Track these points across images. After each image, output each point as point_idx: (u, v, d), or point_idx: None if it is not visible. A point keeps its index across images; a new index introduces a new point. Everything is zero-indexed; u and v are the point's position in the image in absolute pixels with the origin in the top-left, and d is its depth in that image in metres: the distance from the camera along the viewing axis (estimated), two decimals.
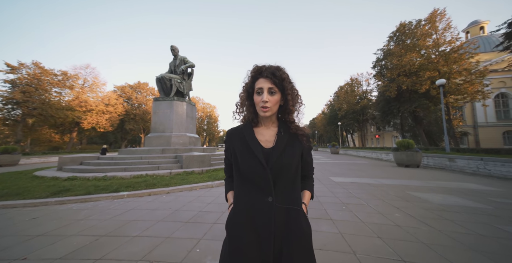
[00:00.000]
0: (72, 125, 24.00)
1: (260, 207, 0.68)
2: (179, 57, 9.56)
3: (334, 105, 35.65)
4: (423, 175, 6.63)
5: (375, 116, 29.66)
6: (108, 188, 4.05)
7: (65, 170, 6.27)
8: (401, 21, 18.61)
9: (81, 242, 1.97)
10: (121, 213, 2.86)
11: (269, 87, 0.73)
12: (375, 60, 21.73)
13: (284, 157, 0.72)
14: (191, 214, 2.79)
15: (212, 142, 61.77)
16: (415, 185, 4.83)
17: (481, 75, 15.22)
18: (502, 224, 2.43)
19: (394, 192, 4.10)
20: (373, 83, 27.06)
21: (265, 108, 0.72)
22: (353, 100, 31.33)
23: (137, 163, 6.37)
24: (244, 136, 0.77)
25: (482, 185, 4.91)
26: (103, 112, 25.41)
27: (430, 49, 16.70)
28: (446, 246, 1.90)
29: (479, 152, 10.08)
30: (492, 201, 3.50)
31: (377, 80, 22.21)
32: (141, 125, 32.50)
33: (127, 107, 31.06)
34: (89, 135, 30.28)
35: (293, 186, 0.74)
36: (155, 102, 8.69)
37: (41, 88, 20.24)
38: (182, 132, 8.71)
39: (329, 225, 2.41)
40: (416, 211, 2.91)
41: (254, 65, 0.79)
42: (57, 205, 3.28)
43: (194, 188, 4.38)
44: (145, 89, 34.17)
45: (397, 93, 18.04)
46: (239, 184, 0.76)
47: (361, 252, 1.79)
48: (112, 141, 36.33)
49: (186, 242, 1.97)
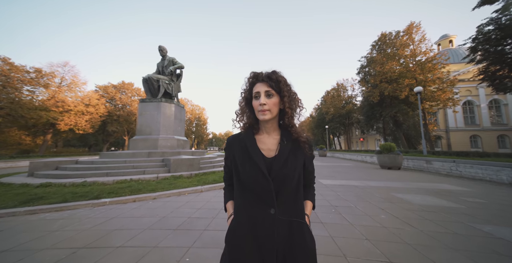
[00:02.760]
0: (47, 126, 22.12)
1: (262, 220, 0.66)
2: (168, 58, 9.32)
3: (321, 109, 36.82)
4: (404, 176, 7.02)
5: (359, 120, 31.08)
6: (87, 195, 3.76)
7: (38, 175, 5.73)
8: (382, 31, 19.93)
9: (55, 256, 1.79)
10: (102, 221, 2.67)
11: (266, 90, 0.72)
12: (360, 67, 22.95)
13: (287, 167, 0.70)
14: (179, 221, 2.67)
15: (200, 145, 60.43)
16: (398, 187, 5.10)
17: (451, 84, 16.73)
18: (474, 223, 2.63)
19: (379, 194, 4.29)
20: (358, 88, 28.49)
21: (263, 111, 0.71)
22: (339, 105, 32.63)
23: (121, 167, 6.02)
24: (245, 144, 0.75)
25: (455, 186, 5.32)
26: (83, 113, 23.77)
27: (408, 59, 18.05)
28: (428, 246, 2.01)
29: (451, 154, 10.98)
30: (464, 200, 3.79)
31: (362, 86, 23.42)
32: (125, 127, 30.90)
33: (110, 108, 29.38)
34: (66, 137, 28.06)
35: (296, 197, 0.72)
36: (141, 103, 8.34)
37: (9, 86, 18.48)
38: (170, 135, 8.43)
39: (320, 228, 2.44)
40: (399, 212, 3.06)
41: (251, 72, 0.78)
42: (27, 215, 2.97)
43: (182, 193, 4.23)
44: (130, 90, 32.69)
45: (379, 99, 19.14)
46: (240, 194, 0.73)
47: (351, 255, 1.83)
48: (92, 143, 34.01)
49: (175, 251, 1.88)
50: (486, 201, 3.74)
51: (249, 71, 0.79)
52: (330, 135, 40.14)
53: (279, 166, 0.69)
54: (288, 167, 0.70)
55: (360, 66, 22.87)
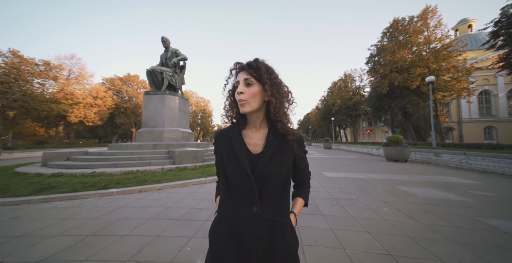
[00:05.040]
0: (58, 118, 22.86)
1: (244, 217, 0.64)
2: (171, 49, 9.17)
3: (328, 101, 35.98)
4: (410, 169, 6.89)
5: (367, 111, 30.28)
6: (96, 185, 3.92)
7: (50, 166, 6.01)
8: (394, 17, 18.67)
9: (64, 243, 1.89)
10: (109, 211, 2.79)
11: (245, 78, 0.67)
12: (369, 56, 21.86)
13: (272, 165, 0.66)
14: (182, 212, 2.75)
15: (206, 137, 61.22)
16: (403, 180, 5.02)
17: (467, 73, 15.75)
18: (480, 217, 2.57)
19: (383, 187, 4.24)
20: (366, 79, 27.43)
21: (241, 101, 0.65)
22: (346, 96, 31.72)
23: (128, 158, 6.20)
24: (231, 140, 0.71)
25: (463, 179, 5.17)
26: (91, 105, 24.31)
27: (421, 46, 16.98)
28: (430, 239, 1.99)
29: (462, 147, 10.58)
30: (471, 194, 3.69)
31: (370, 76, 22.48)
32: (132, 119, 31.49)
33: (117, 100, 29.85)
34: (76, 129, 29.05)
35: (281, 196, 0.68)
36: (145, 95, 8.38)
37: (21, 79, 18.99)
38: (175, 127, 8.52)
39: (320, 220, 2.45)
40: (403, 205, 3.03)
41: (235, 62, 0.72)
42: (40, 204, 3.14)
43: (186, 184, 4.33)
44: (136, 82, 32.88)
45: (388, 89, 18.39)
46: (224, 190, 0.71)
47: (350, 247, 1.83)
48: (101, 135, 35.10)
49: (177, 240, 1.95)
50: (495, 195, 3.63)
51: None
52: (336, 127, 39.54)
53: (263, 163, 0.66)
54: (274, 165, 0.67)
55: (370, 55, 21.74)
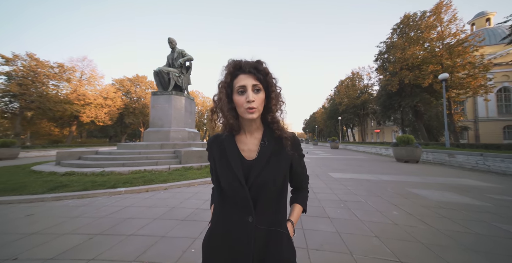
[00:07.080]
0: (71, 118, 23.86)
1: (239, 228, 0.61)
2: (177, 50, 9.29)
3: (334, 100, 35.33)
4: (422, 170, 6.63)
5: (375, 110, 29.46)
6: (105, 184, 4.03)
7: (63, 164, 6.25)
8: (405, 12, 18.00)
9: (74, 241, 1.94)
10: (117, 210, 2.85)
11: (254, 84, 0.61)
12: (378, 53, 21.24)
13: (267, 171, 0.63)
14: (188, 212, 2.77)
15: None
16: (414, 181, 4.83)
17: (485, 69, 14.93)
18: (500, 223, 2.41)
19: (392, 189, 4.09)
20: (375, 77, 26.68)
21: (252, 109, 0.61)
22: (353, 94, 31.01)
23: (136, 158, 6.34)
24: (224, 147, 0.68)
25: (481, 181, 4.91)
26: (102, 106, 25.17)
27: (434, 42, 16.27)
28: (444, 246, 1.88)
29: (479, 147, 10.05)
30: (489, 198, 3.49)
31: (379, 74, 21.84)
32: (140, 119, 32.33)
33: (126, 101, 30.75)
34: (88, 128, 30.17)
35: (277, 204, 0.65)
36: (153, 96, 8.54)
37: (37, 81, 19.94)
38: (181, 127, 8.63)
39: (326, 224, 2.39)
40: (414, 209, 2.90)
41: (230, 59, 0.66)
42: (53, 201, 3.26)
43: (192, 184, 4.37)
44: (144, 83, 33.71)
45: (398, 88, 17.79)
46: (219, 199, 0.68)
47: (357, 252, 1.77)
48: (112, 135, 36.26)
49: (182, 241, 1.95)
50: None
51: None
52: (344, 126, 38.77)
53: (258, 170, 0.62)
54: (268, 171, 0.63)
55: (378, 52, 21.10)
